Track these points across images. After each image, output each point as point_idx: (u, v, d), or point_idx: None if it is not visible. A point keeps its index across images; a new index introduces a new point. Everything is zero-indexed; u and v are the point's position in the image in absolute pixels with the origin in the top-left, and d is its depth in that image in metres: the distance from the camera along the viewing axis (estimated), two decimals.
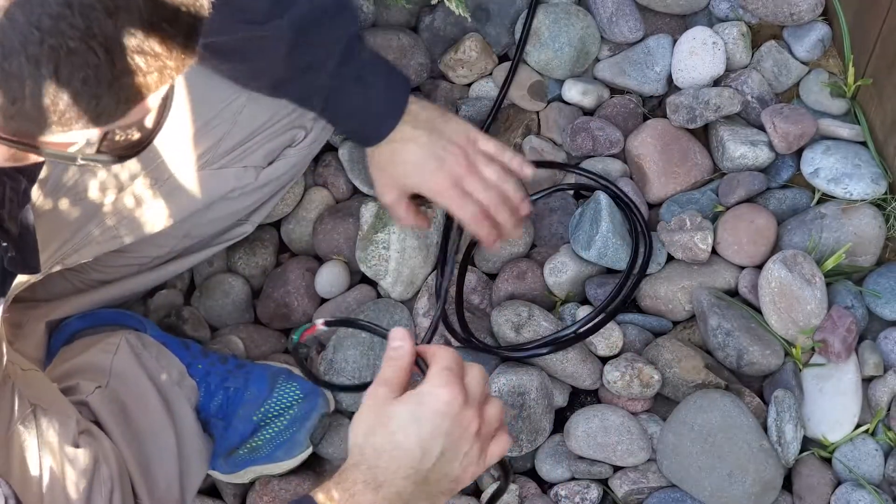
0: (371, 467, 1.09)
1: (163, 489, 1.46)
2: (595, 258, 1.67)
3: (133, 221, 1.53)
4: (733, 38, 1.78)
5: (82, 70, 0.85)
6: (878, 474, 1.57)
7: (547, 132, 1.82)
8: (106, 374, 1.50)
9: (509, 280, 1.70)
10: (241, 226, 1.70)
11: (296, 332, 1.24)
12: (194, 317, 1.73)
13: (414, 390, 1.12)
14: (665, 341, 1.64)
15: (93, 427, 1.43)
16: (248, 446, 1.60)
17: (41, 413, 1.36)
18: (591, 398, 1.66)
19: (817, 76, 1.78)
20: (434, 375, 1.11)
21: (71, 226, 1.50)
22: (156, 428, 1.49)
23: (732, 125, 1.75)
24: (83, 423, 1.41)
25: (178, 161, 1.52)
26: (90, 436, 1.40)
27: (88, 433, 1.40)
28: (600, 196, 1.68)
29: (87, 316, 1.62)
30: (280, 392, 1.61)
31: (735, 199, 1.71)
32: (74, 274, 1.64)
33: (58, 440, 1.35)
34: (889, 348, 1.62)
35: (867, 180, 1.68)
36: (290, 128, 1.60)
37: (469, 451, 1.11)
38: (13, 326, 1.61)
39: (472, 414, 1.10)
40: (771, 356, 1.61)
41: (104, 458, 1.38)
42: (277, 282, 1.75)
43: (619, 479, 1.59)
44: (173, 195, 1.54)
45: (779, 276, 1.60)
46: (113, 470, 1.38)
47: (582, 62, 1.82)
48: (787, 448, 1.56)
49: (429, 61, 1.84)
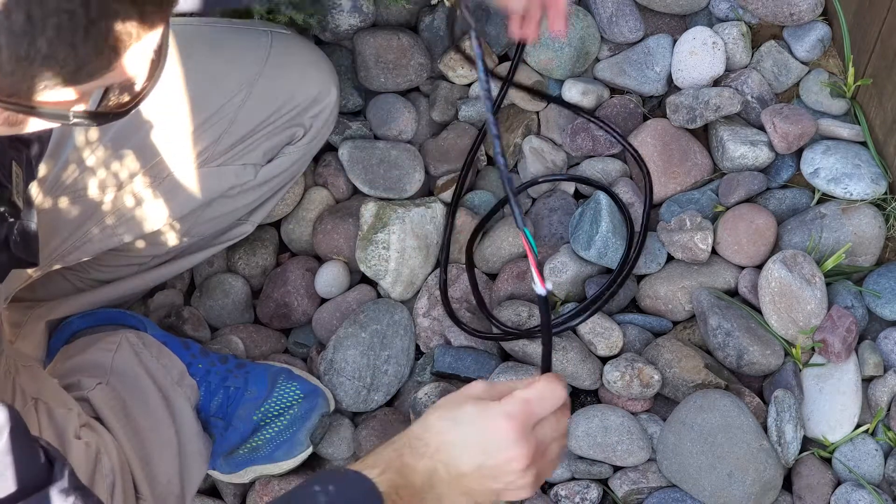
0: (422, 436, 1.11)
1: (163, 485, 1.46)
2: (595, 258, 1.67)
3: (132, 219, 1.53)
4: (733, 38, 1.78)
5: (55, 16, 0.82)
6: (877, 474, 1.57)
7: (547, 132, 1.82)
8: (106, 372, 1.50)
9: (509, 280, 1.70)
10: (241, 226, 1.70)
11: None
12: (194, 317, 1.73)
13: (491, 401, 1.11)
14: (665, 341, 1.64)
15: (93, 421, 1.43)
16: (248, 446, 1.60)
17: (42, 406, 1.36)
18: (591, 398, 1.66)
19: (817, 76, 1.78)
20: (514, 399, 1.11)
21: (70, 224, 1.50)
22: (156, 425, 1.49)
23: (732, 125, 1.75)
24: (84, 417, 1.41)
25: (178, 159, 1.52)
26: (91, 429, 1.40)
27: (89, 426, 1.40)
28: (600, 196, 1.68)
29: (88, 315, 1.62)
30: (280, 392, 1.61)
31: (735, 199, 1.71)
32: (74, 274, 1.64)
33: (59, 432, 1.35)
34: (889, 348, 1.62)
35: (867, 180, 1.68)
36: (289, 126, 1.60)
37: (513, 479, 1.11)
38: (13, 326, 1.61)
39: (524, 451, 1.09)
40: (771, 356, 1.61)
41: (105, 451, 1.38)
42: (277, 282, 1.75)
43: (619, 479, 1.58)
44: (172, 193, 1.54)
45: (779, 276, 1.60)
46: (114, 462, 1.38)
47: (582, 62, 1.82)
48: (787, 448, 1.56)
49: (429, 61, 1.84)
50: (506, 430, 1.09)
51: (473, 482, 1.11)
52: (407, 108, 1.83)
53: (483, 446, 1.10)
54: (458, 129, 1.82)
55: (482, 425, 1.10)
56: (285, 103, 1.57)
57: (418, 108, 1.84)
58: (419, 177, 1.77)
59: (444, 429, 1.11)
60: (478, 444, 1.10)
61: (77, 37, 0.84)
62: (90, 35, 0.85)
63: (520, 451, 1.09)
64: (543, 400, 1.12)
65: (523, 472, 1.10)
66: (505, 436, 1.09)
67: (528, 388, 1.12)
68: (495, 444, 1.09)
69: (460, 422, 1.11)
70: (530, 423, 1.10)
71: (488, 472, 1.10)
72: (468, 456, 1.10)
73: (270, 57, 1.56)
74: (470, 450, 1.10)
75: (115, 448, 1.41)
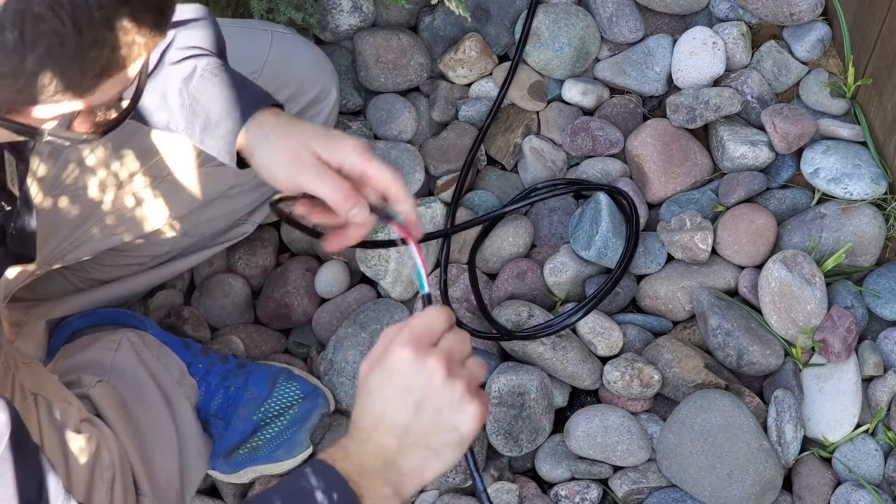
0: (356, 428, 1.12)
1: (163, 482, 1.46)
2: (595, 258, 1.67)
3: (132, 219, 1.53)
4: (733, 38, 1.79)
5: (47, 37, 0.84)
6: (877, 474, 1.57)
7: (547, 132, 1.82)
8: (107, 371, 1.50)
9: (509, 280, 1.70)
10: (241, 226, 1.70)
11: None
12: (194, 317, 1.73)
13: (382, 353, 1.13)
14: (665, 341, 1.64)
15: (94, 417, 1.43)
16: (248, 446, 1.60)
17: (42, 401, 1.36)
18: (591, 398, 1.66)
19: (817, 76, 1.78)
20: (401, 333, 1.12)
21: (70, 223, 1.50)
22: (156, 424, 1.49)
23: (732, 125, 1.75)
24: (84, 412, 1.41)
25: (178, 158, 1.52)
26: (91, 424, 1.40)
27: (90, 422, 1.41)
28: (600, 196, 1.68)
29: (88, 315, 1.62)
30: (280, 392, 1.61)
31: (735, 199, 1.71)
32: (74, 273, 1.64)
33: (59, 426, 1.35)
34: (889, 348, 1.62)
35: (867, 180, 1.68)
36: None
37: (450, 396, 1.10)
38: (14, 325, 1.61)
39: (433, 361, 1.10)
40: (771, 356, 1.61)
41: (106, 446, 1.38)
42: (277, 282, 1.75)
43: (619, 479, 1.58)
44: (172, 193, 1.54)
45: (779, 276, 1.60)
46: (115, 457, 1.38)
47: (582, 62, 1.82)
48: (787, 448, 1.56)
49: (429, 61, 1.84)
50: (407, 356, 1.09)
51: (421, 427, 1.10)
52: (407, 107, 1.83)
53: (403, 387, 1.10)
54: (458, 128, 1.82)
55: (390, 371, 1.10)
56: (285, 103, 1.56)
57: (418, 108, 1.84)
58: (419, 177, 1.77)
59: (367, 409, 1.11)
60: (399, 391, 1.10)
61: (66, 59, 0.86)
62: (78, 59, 0.86)
63: (430, 364, 1.09)
64: (429, 318, 1.12)
65: (450, 383, 1.09)
66: (411, 361, 1.09)
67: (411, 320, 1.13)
68: (408, 375, 1.09)
69: (375, 389, 1.11)
70: (426, 340, 1.11)
71: (424, 405, 1.10)
72: (400, 407, 1.10)
73: (270, 57, 1.56)
74: (398, 401, 1.10)
75: (116, 443, 1.41)
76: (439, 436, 1.11)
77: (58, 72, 0.86)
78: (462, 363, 1.12)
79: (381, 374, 1.11)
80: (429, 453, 1.11)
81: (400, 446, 1.10)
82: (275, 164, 1.24)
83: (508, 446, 1.58)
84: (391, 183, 1.22)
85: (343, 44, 1.87)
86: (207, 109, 1.27)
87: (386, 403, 1.10)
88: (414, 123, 1.82)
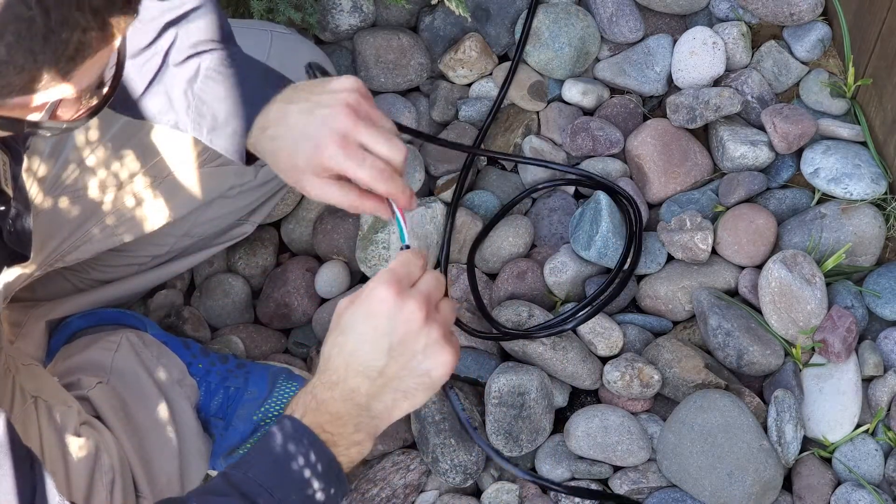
0: (325, 370, 1.12)
1: (163, 483, 1.46)
2: (595, 258, 1.67)
3: (132, 219, 1.53)
4: (733, 38, 1.79)
5: (14, 23, 0.82)
6: (878, 474, 1.57)
7: (547, 132, 1.82)
8: (107, 372, 1.50)
9: (509, 280, 1.70)
10: (241, 226, 1.70)
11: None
12: (194, 317, 1.73)
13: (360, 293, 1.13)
14: (665, 341, 1.64)
15: (93, 419, 1.43)
16: (248, 446, 1.60)
17: (41, 404, 1.37)
18: (591, 398, 1.66)
19: (817, 76, 1.78)
20: (379, 275, 1.12)
21: (70, 224, 1.50)
22: (156, 424, 1.49)
23: (732, 125, 1.75)
24: (84, 415, 1.41)
25: (178, 158, 1.52)
26: (91, 427, 1.40)
27: (89, 424, 1.41)
28: (600, 196, 1.68)
29: (88, 315, 1.62)
30: (280, 392, 1.61)
31: (735, 199, 1.71)
32: (74, 273, 1.64)
33: (59, 429, 1.35)
34: (889, 348, 1.62)
35: (867, 180, 1.68)
36: None
37: (426, 341, 1.10)
38: (13, 326, 1.61)
39: (412, 305, 1.10)
40: (771, 356, 1.61)
41: (105, 449, 1.38)
42: (277, 282, 1.75)
43: (619, 479, 1.58)
44: (173, 193, 1.54)
45: (779, 276, 1.60)
46: (114, 460, 1.38)
47: (582, 62, 1.82)
48: (787, 448, 1.56)
49: (429, 61, 1.84)
50: (385, 296, 1.10)
51: (394, 370, 1.10)
52: (407, 107, 1.83)
53: (379, 329, 1.10)
54: (458, 129, 1.82)
55: (366, 312, 1.10)
56: None
57: (418, 108, 1.84)
58: (419, 177, 1.77)
59: (340, 346, 1.11)
60: (374, 331, 1.10)
61: (36, 44, 0.85)
62: (49, 43, 0.85)
63: (408, 305, 1.09)
64: (407, 263, 1.13)
65: (426, 329, 1.10)
66: (390, 302, 1.09)
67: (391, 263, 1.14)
68: (386, 316, 1.09)
69: (349, 326, 1.11)
70: (405, 282, 1.11)
71: (399, 349, 1.10)
72: (374, 347, 1.10)
73: (270, 57, 1.56)
74: (372, 341, 1.10)
75: (115, 446, 1.41)
76: (411, 379, 1.11)
77: (30, 58, 0.85)
78: (437, 306, 1.13)
79: (359, 311, 1.11)
80: (398, 395, 1.11)
81: (371, 389, 1.10)
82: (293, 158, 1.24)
83: (508, 446, 1.58)
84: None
85: (343, 44, 1.87)
86: (213, 110, 1.27)
87: (360, 343, 1.10)
88: (414, 123, 1.82)
